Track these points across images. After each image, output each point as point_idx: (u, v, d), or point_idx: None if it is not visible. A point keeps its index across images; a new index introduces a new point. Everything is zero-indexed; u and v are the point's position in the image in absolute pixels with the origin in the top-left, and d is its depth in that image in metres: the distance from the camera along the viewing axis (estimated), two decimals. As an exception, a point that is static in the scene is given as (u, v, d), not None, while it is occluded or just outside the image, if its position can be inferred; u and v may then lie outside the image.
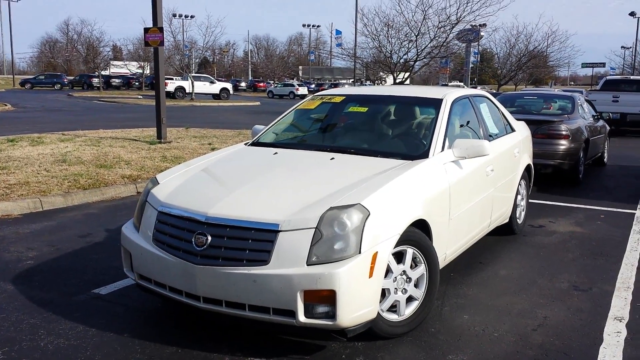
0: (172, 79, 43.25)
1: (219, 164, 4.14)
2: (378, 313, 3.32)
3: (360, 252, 3.06)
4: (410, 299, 3.55)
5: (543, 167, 8.44)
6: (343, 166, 3.87)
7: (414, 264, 3.56)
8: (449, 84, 46.93)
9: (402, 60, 26.18)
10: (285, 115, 5.02)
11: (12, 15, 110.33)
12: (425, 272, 3.59)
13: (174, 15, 61.96)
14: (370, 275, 3.11)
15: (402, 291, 3.47)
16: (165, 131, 12.22)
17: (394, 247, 3.33)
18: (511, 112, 9.31)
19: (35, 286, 4.21)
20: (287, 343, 3.38)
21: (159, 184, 3.81)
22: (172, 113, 24.20)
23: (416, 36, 25.09)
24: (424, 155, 3.99)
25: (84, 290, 4.16)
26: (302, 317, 3.02)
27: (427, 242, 3.58)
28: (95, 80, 52.20)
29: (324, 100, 4.99)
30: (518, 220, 5.88)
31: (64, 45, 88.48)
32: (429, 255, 3.59)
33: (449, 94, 4.64)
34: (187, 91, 39.38)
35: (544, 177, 9.12)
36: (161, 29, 11.62)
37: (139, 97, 40.93)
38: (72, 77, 59.69)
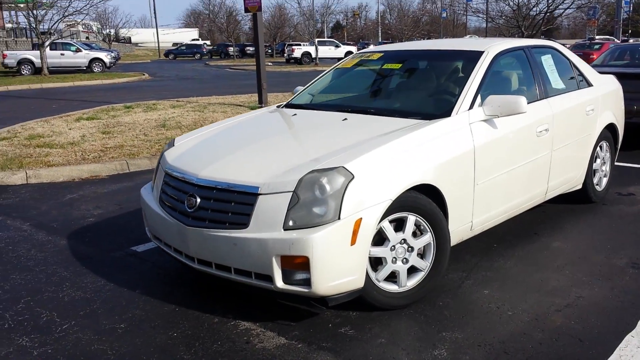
0: (299, 44, 44.08)
1: (234, 126, 4.13)
2: (373, 283, 3.17)
3: (339, 218, 2.90)
4: (413, 270, 3.32)
5: (657, 128, 7.45)
6: (351, 127, 3.67)
7: (419, 232, 3.32)
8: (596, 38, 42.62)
9: (531, 13, 24.33)
10: (324, 75, 4.87)
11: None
12: (432, 242, 3.34)
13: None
14: (353, 242, 2.94)
15: (402, 261, 3.25)
16: (265, 96, 12.48)
17: (390, 214, 3.13)
18: (620, 65, 8.32)
19: (84, 242, 4.55)
20: (280, 308, 3.33)
21: (174, 146, 3.90)
22: (291, 79, 24.72)
23: (547, -14, 23.14)
24: (446, 114, 3.66)
25: (124, 247, 4.41)
26: (279, 283, 2.95)
27: (433, 209, 3.30)
28: (231, 49, 54.66)
29: (362, 58, 4.76)
30: (597, 187, 5.25)
31: (207, 16, 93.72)
32: (436, 224, 3.32)
33: (493, 46, 4.20)
34: (313, 56, 39.89)
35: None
36: (260, -6, 11.77)
37: (269, 64, 42.18)
38: (210, 47, 63.06)
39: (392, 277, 3.27)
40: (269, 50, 57.71)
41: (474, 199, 3.67)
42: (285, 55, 43.84)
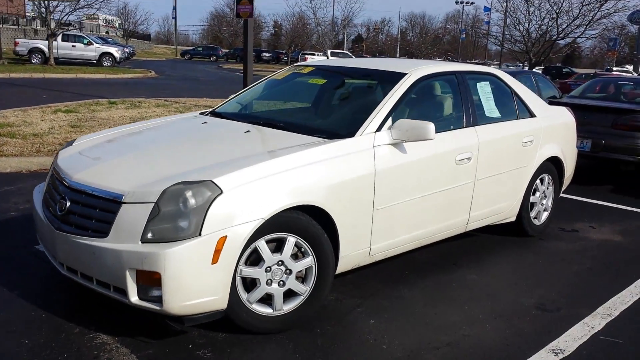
0: (313, 54, 44.24)
1: (140, 130, 4.01)
2: (243, 304, 3.03)
3: (200, 234, 2.76)
4: (292, 293, 3.17)
5: (623, 164, 7.25)
6: (248, 141, 3.55)
7: (302, 254, 3.17)
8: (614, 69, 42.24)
9: (541, 39, 24.13)
10: (257, 84, 4.75)
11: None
12: (314, 265, 3.19)
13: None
14: (215, 261, 2.80)
15: (278, 283, 3.11)
16: (250, 102, 12.40)
17: (267, 234, 3.00)
18: (596, 98, 8.14)
19: (-7, 237, 4.45)
20: (148, 322, 3.19)
21: (71, 145, 3.80)
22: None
23: (557, 14, 22.95)
24: (350, 134, 3.51)
25: (30, 245, 4.29)
26: (133, 298, 2.82)
27: (316, 231, 3.16)
28: (247, 53, 54.82)
29: (295, 71, 4.64)
30: (535, 220, 5.06)
31: (231, 19, 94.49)
32: (319, 247, 3.18)
33: (419, 69, 4.05)
34: (324, 66, 39.94)
35: (625, 176, 7.87)
36: (251, 1, 11.71)
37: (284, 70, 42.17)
38: (227, 50, 63.38)
39: (269, 300, 3.13)
40: (285, 58, 57.87)
41: (372, 224, 3.52)
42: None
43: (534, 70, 19.18)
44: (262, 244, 3.02)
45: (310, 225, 3.15)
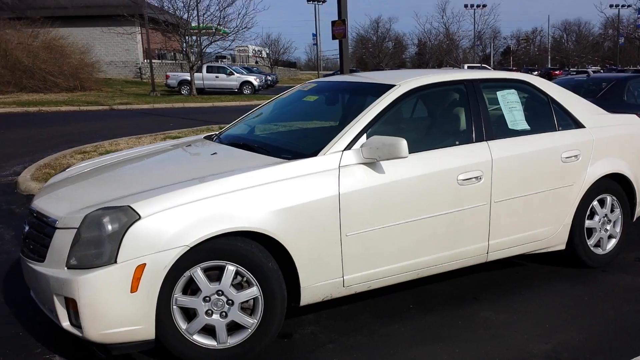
0: (449, 69, 43.34)
1: (132, 157, 4.00)
2: (181, 335, 2.87)
3: (116, 261, 2.67)
4: (238, 327, 2.95)
5: None
6: (206, 164, 3.45)
7: (247, 284, 2.95)
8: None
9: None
10: (266, 104, 4.61)
11: (324, 15, 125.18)
12: (260, 297, 2.95)
13: (466, 6, 61.56)
14: (134, 289, 2.69)
15: (221, 315, 2.90)
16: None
17: (203, 261, 2.84)
18: None
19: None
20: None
21: (64, 171, 3.94)
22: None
23: None
24: (313, 154, 3.21)
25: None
26: (65, 323, 2.80)
27: (257, 260, 2.91)
28: (384, 73, 55.25)
29: (300, 89, 4.42)
30: (597, 249, 4.29)
31: (375, 42, 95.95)
32: (264, 277, 2.93)
33: (410, 81, 3.62)
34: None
35: None
36: (344, 21, 11.69)
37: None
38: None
39: (212, 332, 2.94)
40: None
41: (342, 252, 3.18)
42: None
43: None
44: (197, 273, 2.85)
45: (252, 253, 2.91)
